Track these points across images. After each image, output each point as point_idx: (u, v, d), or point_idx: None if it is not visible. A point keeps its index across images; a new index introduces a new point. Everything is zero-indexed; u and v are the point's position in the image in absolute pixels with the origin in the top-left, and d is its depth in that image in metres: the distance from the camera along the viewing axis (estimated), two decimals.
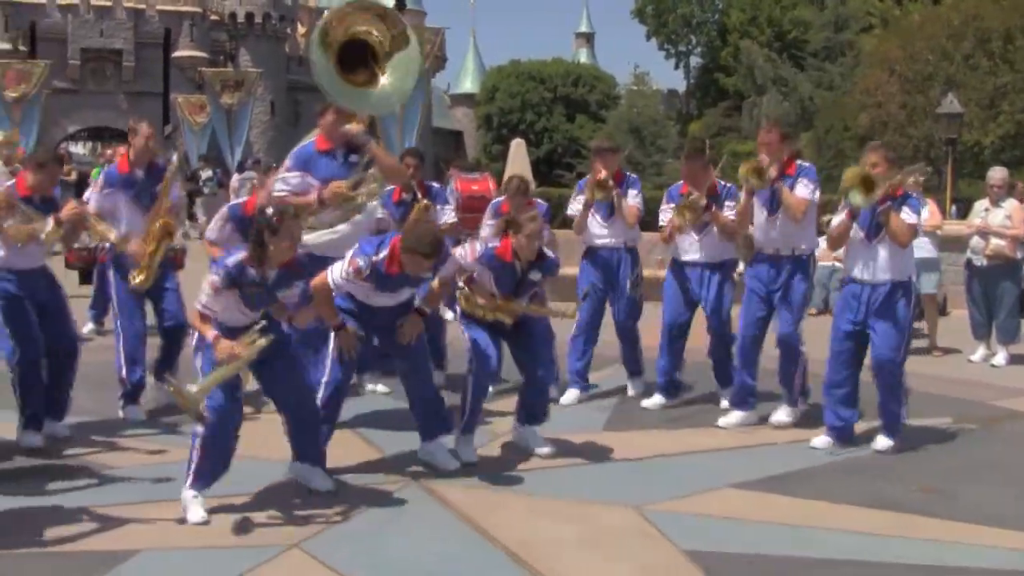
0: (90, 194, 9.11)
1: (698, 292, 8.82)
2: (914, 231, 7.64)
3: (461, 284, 7.34)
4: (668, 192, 9.14)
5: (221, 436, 6.13)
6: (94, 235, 8.04)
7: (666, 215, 8.87)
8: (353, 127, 7.97)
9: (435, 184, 9.64)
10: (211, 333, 6.11)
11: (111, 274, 8.52)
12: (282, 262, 6.22)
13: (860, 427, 8.01)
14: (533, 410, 7.63)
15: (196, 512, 6.04)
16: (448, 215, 9.45)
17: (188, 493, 6.11)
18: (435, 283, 7.17)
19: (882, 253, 7.63)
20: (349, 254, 6.74)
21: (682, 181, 8.95)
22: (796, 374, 8.39)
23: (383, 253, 6.64)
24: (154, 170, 8.46)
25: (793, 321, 8.29)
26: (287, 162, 8.01)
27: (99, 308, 12.32)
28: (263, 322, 6.26)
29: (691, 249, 8.81)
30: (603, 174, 8.93)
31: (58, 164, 8.26)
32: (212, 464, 6.14)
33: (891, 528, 6.14)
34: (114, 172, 8.46)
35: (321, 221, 7.83)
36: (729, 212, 8.66)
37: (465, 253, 7.25)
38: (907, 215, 7.54)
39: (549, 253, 7.45)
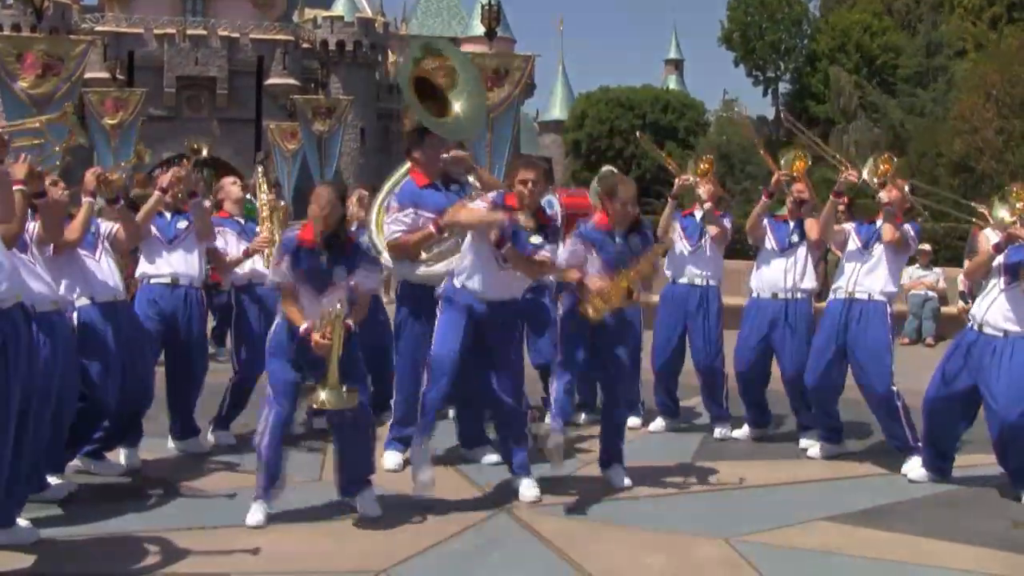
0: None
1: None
2: None
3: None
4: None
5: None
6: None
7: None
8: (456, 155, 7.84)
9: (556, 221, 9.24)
10: (304, 326, 6.30)
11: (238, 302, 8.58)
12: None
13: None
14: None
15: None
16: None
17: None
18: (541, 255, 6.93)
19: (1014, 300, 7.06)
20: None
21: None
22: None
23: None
24: None
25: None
26: (393, 203, 7.68)
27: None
28: (334, 307, 6.29)
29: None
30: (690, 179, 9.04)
31: None
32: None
33: (996, 566, 5.96)
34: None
35: (442, 251, 7.62)
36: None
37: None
38: None
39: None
